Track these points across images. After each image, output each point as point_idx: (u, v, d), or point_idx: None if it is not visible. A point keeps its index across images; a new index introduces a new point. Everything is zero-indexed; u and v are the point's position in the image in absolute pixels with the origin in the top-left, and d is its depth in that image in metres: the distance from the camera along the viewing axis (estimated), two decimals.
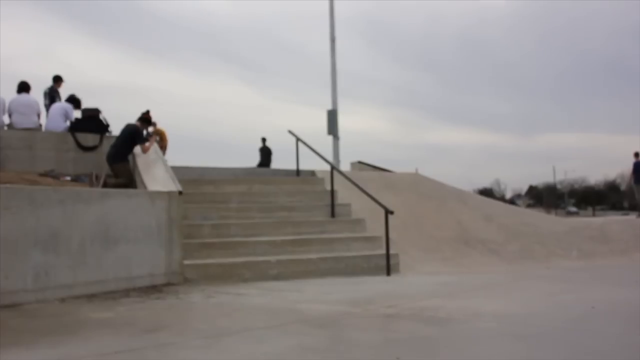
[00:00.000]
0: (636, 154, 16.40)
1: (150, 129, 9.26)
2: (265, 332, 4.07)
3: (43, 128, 9.93)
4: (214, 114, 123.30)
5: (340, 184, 9.44)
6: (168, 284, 6.26)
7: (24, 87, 9.88)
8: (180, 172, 8.01)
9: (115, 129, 9.34)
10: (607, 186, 79.51)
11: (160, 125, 16.43)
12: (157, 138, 9.08)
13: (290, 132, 11.36)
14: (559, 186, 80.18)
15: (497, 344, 3.75)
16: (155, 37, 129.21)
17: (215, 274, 6.71)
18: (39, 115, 9.92)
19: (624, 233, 11.52)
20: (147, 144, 8.67)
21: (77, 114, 10.00)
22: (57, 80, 11.19)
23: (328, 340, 4.00)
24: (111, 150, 8.61)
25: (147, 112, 9.04)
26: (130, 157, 8.71)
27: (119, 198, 6.16)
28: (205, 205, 8.58)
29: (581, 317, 4.66)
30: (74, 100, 10.38)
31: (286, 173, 11.18)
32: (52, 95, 10.88)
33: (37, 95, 10.45)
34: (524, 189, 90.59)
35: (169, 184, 7.00)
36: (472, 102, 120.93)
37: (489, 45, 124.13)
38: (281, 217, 8.74)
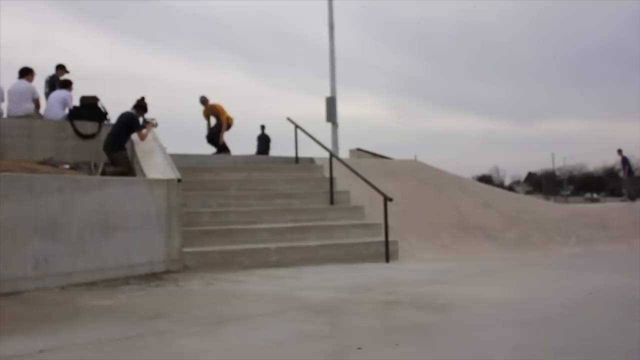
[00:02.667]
0: (619, 151, 19.26)
1: (149, 118, 9.13)
2: (264, 319, 4.09)
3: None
4: (212, 101, 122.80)
5: (339, 171, 9.43)
6: (168, 272, 6.28)
7: (21, 73, 9.83)
8: (179, 160, 8.00)
9: (114, 117, 9.30)
10: (606, 172, 79.50)
11: (215, 101, 13.76)
12: (155, 123, 8.95)
13: (289, 119, 11.34)
14: (557, 173, 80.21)
15: (495, 330, 3.77)
16: (153, 24, 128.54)
17: (215, 262, 6.72)
18: (36, 102, 9.87)
19: (622, 219, 11.54)
20: (144, 130, 8.62)
21: (75, 100, 9.96)
22: (59, 68, 11.15)
23: (327, 327, 4.02)
24: (108, 139, 8.57)
25: (143, 99, 8.92)
26: (128, 145, 8.69)
27: (118, 186, 6.15)
28: (204, 193, 8.58)
29: (579, 303, 4.68)
30: (65, 84, 10.33)
31: (285, 160, 11.17)
32: (52, 84, 10.82)
33: (39, 83, 10.42)
34: (522, 175, 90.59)
35: (168, 172, 6.99)
36: (470, 88, 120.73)
37: (486, 30, 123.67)
38: (280, 205, 8.75)
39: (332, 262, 7.20)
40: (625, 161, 19.41)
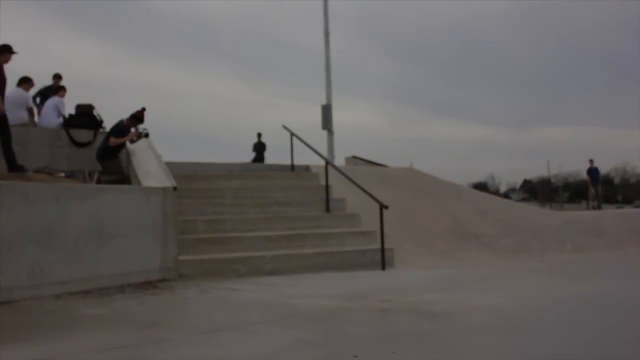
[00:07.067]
0: (591, 161, 20.59)
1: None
2: (260, 327, 4.08)
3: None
4: (207, 109, 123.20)
5: (335, 179, 9.44)
6: (163, 280, 6.26)
7: (19, 82, 9.83)
8: (174, 168, 7.99)
9: (109, 125, 9.28)
10: (601, 180, 79.64)
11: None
12: (145, 133, 8.72)
13: (284, 127, 11.35)
14: (553, 180, 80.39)
15: (492, 338, 3.77)
16: (148, 32, 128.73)
17: (211, 270, 6.70)
18: (30, 111, 9.85)
19: (617, 226, 11.58)
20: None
21: (71, 108, 9.95)
22: (55, 77, 11.23)
23: (323, 335, 4.01)
24: (99, 148, 8.60)
25: (141, 110, 8.80)
26: (123, 154, 8.68)
27: (113, 194, 6.14)
28: (200, 201, 8.57)
29: (575, 310, 4.69)
30: (56, 89, 10.33)
31: (281, 168, 11.17)
32: (45, 94, 10.84)
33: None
34: (518, 183, 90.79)
35: (164, 180, 6.99)
36: (465, 96, 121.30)
37: (481, 38, 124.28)
38: (276, 212, 8.74)
39: (328, 269, 7.19)
40: (589, 172, 20.52)
